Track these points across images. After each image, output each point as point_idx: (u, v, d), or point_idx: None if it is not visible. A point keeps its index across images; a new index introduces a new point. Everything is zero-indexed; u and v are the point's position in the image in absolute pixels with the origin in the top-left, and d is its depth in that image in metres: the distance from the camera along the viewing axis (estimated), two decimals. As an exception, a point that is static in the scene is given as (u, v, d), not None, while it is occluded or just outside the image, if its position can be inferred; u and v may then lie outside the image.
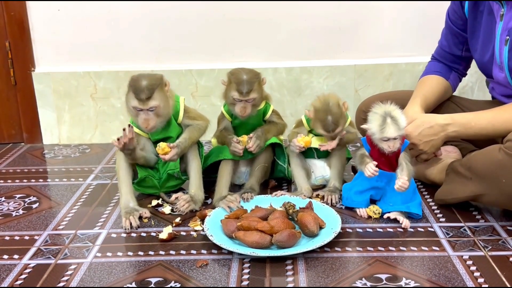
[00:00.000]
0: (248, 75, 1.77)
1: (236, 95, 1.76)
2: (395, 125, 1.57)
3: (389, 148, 1.60)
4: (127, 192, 1.72)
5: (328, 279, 1.34)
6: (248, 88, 1.75)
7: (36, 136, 2.52)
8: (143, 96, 1.62)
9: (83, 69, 2.42)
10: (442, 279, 1.33)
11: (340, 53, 2.42)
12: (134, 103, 1.63)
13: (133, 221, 1.63)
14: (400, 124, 1.58)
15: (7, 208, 1.83)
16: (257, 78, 1.79)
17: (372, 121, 1.61)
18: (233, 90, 1.76)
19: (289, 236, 1.46)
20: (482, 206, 1.71)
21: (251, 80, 1.76)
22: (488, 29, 1.75)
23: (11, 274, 1.41)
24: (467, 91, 2.39)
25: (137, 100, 1.63)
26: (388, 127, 1.57)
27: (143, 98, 1.62)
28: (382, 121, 1.58)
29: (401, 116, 1.60)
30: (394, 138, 1.58)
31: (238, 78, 1.76)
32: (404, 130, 1.61)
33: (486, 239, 1.52)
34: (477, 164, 1.58)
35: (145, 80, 1.64)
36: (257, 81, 1.78)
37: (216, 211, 1.67)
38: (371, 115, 1.62)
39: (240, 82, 1.75)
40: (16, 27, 2.38)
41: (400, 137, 1.60)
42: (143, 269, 1.41)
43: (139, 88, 1.62)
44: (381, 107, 1.61)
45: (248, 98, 1.76)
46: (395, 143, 1.59)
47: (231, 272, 1.39)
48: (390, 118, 1.57)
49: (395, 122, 1.57)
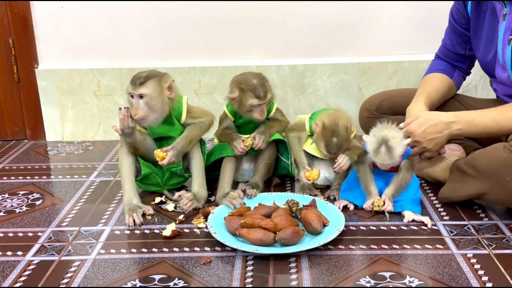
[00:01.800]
0: (257, 78, 1.77)
1: (255, 102, 1.74)
2: (388, 155, 1.56)
3: (382, 167, 1.63)
4: (130, 190, 1.72)
5: (332, 277, 1.34)
6: (264, 91, 1.75)
7: (40, 133, 2.52)
8: (136, 82, 1.65)
9: (86, 66, 2.42)
10: (446, 277, 1.33)
11: (344, 50, 2.41)
12: (128, 89, 1.67)
13: (136, 218, 1.63)
14: (395, 154, 1.56)
15: (11, 204, 1.83)
16: (265, 79, 1.79)
17: (369, 143, 1.60)
18: (250, 98, 1.74)
19: (292, 234, 1.46)
20: (486, 205, 1.70)
21: (262, 82, 1.76)
22: (491, 28, 1.74)
23: (15, 270, 1.41)
24: (471, 89, 2.39)
25: (131, 85, 1.66)
26: (380, 155, 1.57)
27: (135, 83, 1.65)
28: (376, 147, 1.57)
29: (399, 145, 1.57)
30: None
31: (251, 84, 1.74)
32: (400, 157, 1.59)
33: (490, 238, 1.52)
34: (481, 162, 1.58)
35: (147, 71, 1.69)
36: (267, 81, 1.78)
37: (219, 208, 1.67)
38: (370, 135, 1.61)
39: (255, 88, 1.74)
40: (19, 24, 2.38)
41: (395, 162, 1.60)
42: (147, 266, 1.42)
43: (137, 75, 1.67)
44: (381, 131, 1.58)
45: (266, 100, 1.76)
46: (389, 165, 1.62)
47: (235, 270, 1.39)
48: (385, 147, 1.56)
49: (390, 151, 1.56)
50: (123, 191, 1.73)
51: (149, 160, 1.80)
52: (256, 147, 1.78)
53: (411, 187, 1.66)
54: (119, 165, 1.76)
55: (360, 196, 1.71)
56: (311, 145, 1.82)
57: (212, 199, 1.81)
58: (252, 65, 2.38)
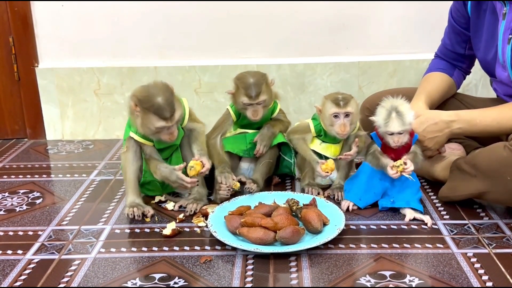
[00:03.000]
0: (255, 77, 1.76)
1: (246, 100, 1.75)
2: (400, 120, 1.56)
3: (394, 142, 1.59)
4: (134, 193, 1.70)
5: (332, 276, 1.34)
6: (257, 91, 1.74)
7: (40, 131, 2.52)
8: (168, 113, 1.56)
9: (86, 65, 2.42)
10: (446, 276, 1.33)
11: (344, 49, 2.41)
12: (161, 124, 1.58)
13: (136, 211, 1.64)
14: (406, 119, 1.57)
15: (11, 203, 1.83)
16: (264, 80, 1.77)
17: (378, 114, 1.61)
18: (242, 95, 1.75)
19: (293, 233, 1.46)
20: (486, 204, 1.70)
21: (258, 83, 1.75)
22: (491, 28, 1.74)
23: (15, 269, 1.41)
24: (471, 88, 2.38)
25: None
26: (392, 121, 1.57)
27: (167, 117, 1.56)
28: (387, 115, 1.58)
29: (409, 111, 1.59)
30: (399, 133, 1.58)
31: (245, 82, 1.75)
32: (410, 125, 1.60)
33: (490, 237, 1.52)
34: (482, 162, 1.58)
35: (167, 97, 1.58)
36: (265, 83, 1.77)
37: (219, 207, 1.67)
38: (378, 108, 1.62)
39: (248, 86, 1.74)
40: (19, 22, 2.38)
41: (407, 131, 1.59)
42: (147, 265, 1.42)
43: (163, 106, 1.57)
44: (389, 101, 1.60)
45: (258, 101, 1.75)
46: (401, 138, 1.59)
47: (235, 268, 1.39)
48: (396, 112, 1.57)
49: (400, 117, 1.57)
50: (127, 193, 1.71)
51: None
52: (257, 154, 1.78)
53: (413, 185, 1.66)
54: (123, 169, 1.71)
55: (363, 197, 1.70)
56: (320, 145, 1.82)
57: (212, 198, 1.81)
58: (252, 64, 2.37)
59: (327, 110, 1.72)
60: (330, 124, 1.73)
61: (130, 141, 1.68)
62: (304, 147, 1.81)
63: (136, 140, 1.68)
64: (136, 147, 1.69)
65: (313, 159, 1.77)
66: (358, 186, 1.71)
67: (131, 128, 1.69)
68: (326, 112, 1.72)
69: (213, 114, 2.40)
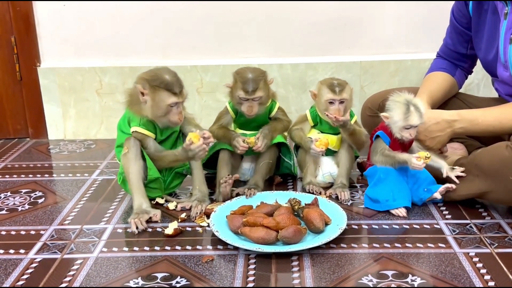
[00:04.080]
0: (254, 73, 1.76)
1: (242, 94, 1.75)
2: (418, 113, 1.59)
3: (410, 136, 1.62)
4: (140, 195, 1.67)
5: (334, 275, 1.34)
6: (254, 87, 1.74)
7: (42, 131, 2.52)
8: (178, 88, 1.65)
9: (88, 65, 2.42)
10: (449, 276, 1.33)
11: (346, 49, 2.41)
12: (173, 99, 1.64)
13: (139, 224, 1.60)
14: (422, 112, 1.60)
15: (13, 203, 1.83)
16: (263, 76, 1.78)
17: (395, 109, 1.61)
18: (239, 89, 1.76)
19: (295, 232, 1.46)
20: (488, 203, 1.70)
21: (256, 79, 1.75)
22: (492, 28, 1.74)
23: (17, 268, 1.42)
24: (473, 88, 2.38)
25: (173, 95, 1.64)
26: (413, 115, 1.59)
27: (177, 92, 1.64)
28: (406, 109, 1.59)
29: (421, 103, 1.62)
30: (415, 126, 1.61)
31: (244, 77, 1.75)
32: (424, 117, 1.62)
33: (492, 236, 1.52)
34: (484, 161, 1.58)
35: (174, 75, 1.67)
36: (263, 79, 1.77)
37: (221, 206, 1.67)
38: (391, 103, 1.63)
39: (246, 81, 1.74)
40: (21, 22, 2.38)
41: (420, 125, 1.63)
42: (149, 264, 1.42)
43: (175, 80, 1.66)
44: (400, 96, 1.63)
45: (254, 97, 1.76)
46: (415, 131, 1.62)
47: (237, 268, 1.39)
48: (413, 106, 1.59)
49: (418, 109, 1.59)
50: (132, 196, 1.68)
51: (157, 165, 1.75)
52: (256, 149, 1.78)
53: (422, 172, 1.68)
54: (126, 170, 1.68)
55: (404, 195, 1.67)
56: (318, 134, 1.82)
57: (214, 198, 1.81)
58: (254, 63, 2.36)
59: (323, 96, 1.75)
60: (324, 109, 1.75)
61: (129, 142, 1.67)
62: (299, 134, 1.83)
63: (137, 137, 1.68)
64: (137, 146, 1.68)
65: (306, 139, 1.79)
66: (392, 189, 1.66)
67: (133, 123, 1.69)
68: (321, 98, 1.76)
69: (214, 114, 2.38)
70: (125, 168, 1.68)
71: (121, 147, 1.74)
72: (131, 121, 1.70)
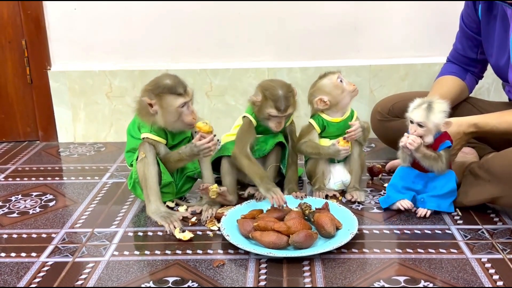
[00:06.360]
0: (283, 90, 1.71)
1: (274, 112, 1.71)
2: (425, 112, 1.57)
3: (410, 131, 1.60)
4: (157, 199, 1.67)
5: (346, 281, 1.34)
6: (286, 105, 1.71)
7: (52, 134, 2.53)
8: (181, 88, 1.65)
9: (98, 68, 2.43)
10: (461, 281, 1.32)
11: (355, 52, 2.41)
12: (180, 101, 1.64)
13: (176, 224, 1.61)
14: (432, 117, 1.57)
15: (24, 206, 1.84)
16: (292, 92, 1.74)
17: (416, 101, 1.62)
18: (270, 107, 1.71)
19: (306, 237, 1.46)
20: (500, 209, 1.69)
21: (287, 95, 1.71)
22: (502, 33, 1.74)
23: (29, 272, 1.42)
24: (483, 92, 2.37)
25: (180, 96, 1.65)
26: (418, 109, 1.58)
27: (181, 92, 1.65)
28: (419, 104, 1.59)
29: (440, 111, 1.58)
30: (419, 125, 1.59)
31: (274, 94, 1.70)
32: (434, 125, 1.59)
33: (504, 242, 1.51)
34: (496, 166, 1.57)
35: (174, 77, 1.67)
36: (292, 95, 1.74)
37: (232, 210, 1.67)
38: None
39: (278, 99, 1.70)
40: (32, 25, 2.39)
41: (429, 130, 1.59)
42: (161, 268, 1.42)
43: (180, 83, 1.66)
44: (434, 98, 1.62)
45: (286, 114, 1.73)
46: (418, 130, 1.59)
47: (248, 272, 1.39)
48: (428, 104, 1.58)
49: (429, 110, 1.57)
50: (149, 200, 1.67)
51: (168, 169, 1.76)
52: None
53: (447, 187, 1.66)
54: (143, 176, 1.67)
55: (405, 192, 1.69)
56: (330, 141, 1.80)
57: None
58: (263, 67, 2.38)
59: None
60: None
61: (144, 147, 1.67)
62: (313, 145, 1.80)
63: (150, 142, 1.68)
64: (153, 151, 1.68)
65: (325, 147, 1.78)
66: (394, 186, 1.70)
67: (143, 129, 1.69)
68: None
69: (224, 117, 2.42)
70: (142, 173, 1.67)
71: (131, 152, 1.75)
72: (141, 127, 1.71)
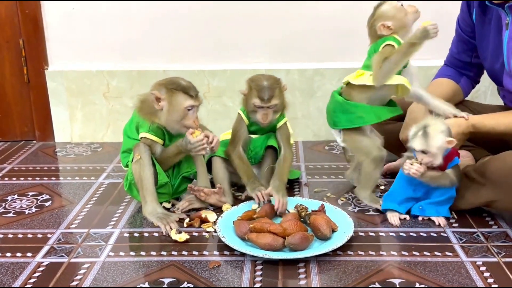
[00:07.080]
0: (269, 81, 1.75)
1: (257, 102, 1.74)
2: (423, 140, 1.56)
3: (418, 160, 1.59)
4: (153, 200, 1.68)
5: (341, 283, 1.34)
6: (270, 95, 1.73)
7: (48, 134, 2.53)
8: (194, 92, 1.67)
9: (96, 68, 2.43)
10: (456, 284, 1.33)
11: (354, 55, 2.41)
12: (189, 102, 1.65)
13: (173, 225, 1.61)
14: (430, 142, 1.55)
15: (20, 205, 1.84)
16: (278, 84, 1.77)
17: (412, 129, 1.61)
18: (254, 97, 1.74)
19: (301, 239, 1.46)
20: (495, 212, 1.70)
21: (272, 86, 1.74)
22: (496, 37, 1.75)
23: (25, 272, 1.42)
24: (479, 95, 2.38)
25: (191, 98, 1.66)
26: (416, 138, 1.57)
27: (193, 95, 1.66)
28: (415, 132, 1.58)
29: (437, 134, 1.56)
30: (422, 152, 1.57)
31: (259, 84, 1.74)
32: (437, 148, 1.56)
33: (499, 245, 1.51)
34: (491, 170, 1.58)
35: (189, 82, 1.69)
36: (278, 87, 1.76)
37: (228, 212, 1.67)
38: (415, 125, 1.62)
39: (261, 89, 1.73)
40: (30, 25, 2.39)
41: (432, 155, 1.57)
42: (156, 269, 1.42)
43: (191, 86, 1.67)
44: (428, 120, 1.60)
45: (270, 105, 1.75)
46: (425, 158, 1.58)
47: (244, 274, 1.39)
48: (423, 131, 1.56)
49: (425, 137, 1.55)
50: (145, 201, 1.67)
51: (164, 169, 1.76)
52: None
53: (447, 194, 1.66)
54: (139, 176, 1.67)
55: (403, 203, 1.68)
56: None
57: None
58: (261, 68, 2.38)
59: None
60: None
61: (139, 148, 1.67)
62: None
63: (145, 143, 1.68)
64: (148, 152, 1.68)
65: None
66: (395, 194, 1.69)
67: (142, 129, 1.70)
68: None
69: (221, 118, 2.42)
70: (138, 174, 1.67)
71: (127, 152, 1.75)
72: (140, 126, 1.70)
